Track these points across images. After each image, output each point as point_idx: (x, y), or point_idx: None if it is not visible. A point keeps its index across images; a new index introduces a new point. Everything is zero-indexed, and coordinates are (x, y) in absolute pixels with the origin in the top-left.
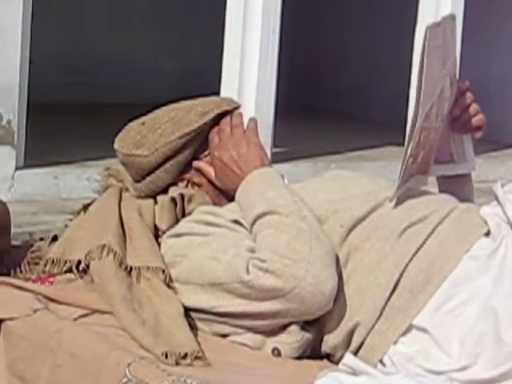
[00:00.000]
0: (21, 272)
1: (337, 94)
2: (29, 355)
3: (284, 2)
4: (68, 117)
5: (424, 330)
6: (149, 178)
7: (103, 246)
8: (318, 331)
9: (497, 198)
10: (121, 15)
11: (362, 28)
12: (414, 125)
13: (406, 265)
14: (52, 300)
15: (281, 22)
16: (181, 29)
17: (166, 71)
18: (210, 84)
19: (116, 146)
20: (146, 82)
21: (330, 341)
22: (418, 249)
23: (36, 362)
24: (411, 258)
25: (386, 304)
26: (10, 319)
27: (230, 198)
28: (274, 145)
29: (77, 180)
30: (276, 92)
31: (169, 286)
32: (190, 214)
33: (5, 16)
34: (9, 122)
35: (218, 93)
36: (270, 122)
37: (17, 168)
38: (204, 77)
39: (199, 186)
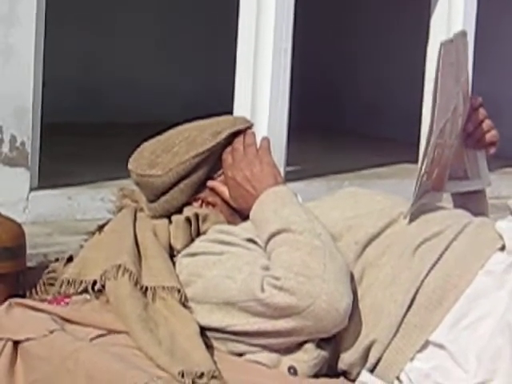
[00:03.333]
0: (36, 293)
1: (349, 112)
2: (47, 377)
3: (296, 21)
4: (82, 138)
5: (440, 346)
6: (163, 198)
7: (119, 266)
8: (334, 348)
9: None
10: (133, 36)
11: (374, 46)
12: (428, 142)
13: (422, 281)
14: (68, 320)
15: (292, 41)
16: (193, 49)
17: (178, 91)
18: (222, 103)
19: (130, 166)
20: (158, 103)
21: (347, 358)
22: (434, 264)
23: (54, 383)
24: (427, 274)
25: (402, 320)
26: (27, 340)
27: (245, 217)
28: (287, 163)
29: (91, 201)
30: (289, 111)
31: (184, 306)
32: (204, 233)
33: (17, 38)
34: (22, 143)
35: (230, 112)
36: (282, 140)
37: (31, 189)
38: (217, 96)
39: (213, 205)
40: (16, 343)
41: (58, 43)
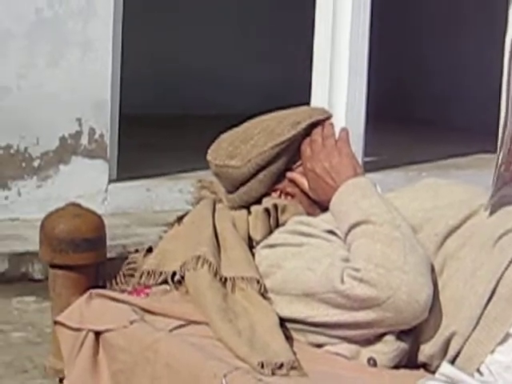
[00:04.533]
0: (116, 284)
1: (426, 103)
2: (129, 367)
3: (373, 8)
4: (159, 130)
5: None
6: (242, 189)
7: (198, 257)
8: (414, 340)
9: None
10: (209, 29)
11: (447, 36)
12: (504, 132)
13: (503, 272)
14: (148, 311)
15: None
16: (270, 40)
17: (255, 83)
18: (299, 95)
19: (209, 157)
20: (235, 94)
21: (427, 350)
22: None
23: (136, 373)
24: (508, 266)
25: (482, 313)
26: (107, 331)
27: (324, 208)
28: (365, 154)
29: (169, 192)
30: (366, 101)
31: (264, 297)
32: (283, 224)
33: (95, 31)
34: (101, 136)
35: (307, 103)
36: (360, 131)
37: (110, 181)
38: (293, 88)
39: (292, 196)
40: (97, 334)
41: (135, 36)
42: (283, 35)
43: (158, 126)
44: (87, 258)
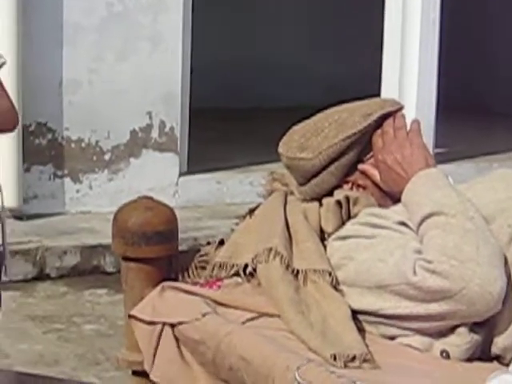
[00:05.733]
0: (188, 276)
1: (497, 94)
2: (209, 360)
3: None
4: (230, 122)
5: None
6: (314, 181)
7: (270, 250)
8: (488, 332)
9: None
10: (275, 22)
11: None
12: None
13: None
14: (220, 304)
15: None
16: (338, 33)
17: (326, 75)
18: (368, 87)
19: (280, 149)
20: (304, 86)
21: (500, 342)
22: None
23: (217, 366)
24: None
25: None
26: (180, 323)
27: (396, 200)
28: (436, 145)
29: (240, 185)
30: (437, 92)
31: (336, 289)
32: (355, 216)
33: (165, 25)
34: (172, 129)
35: (377, 95)
36: (431, 122)
37: (180, 174)
38: (363, 80)
39: (364, 188)
40: (172, 326)
41: (203, 29)
42: (352, 28)
43: (228, 119)
44: (159, 250)
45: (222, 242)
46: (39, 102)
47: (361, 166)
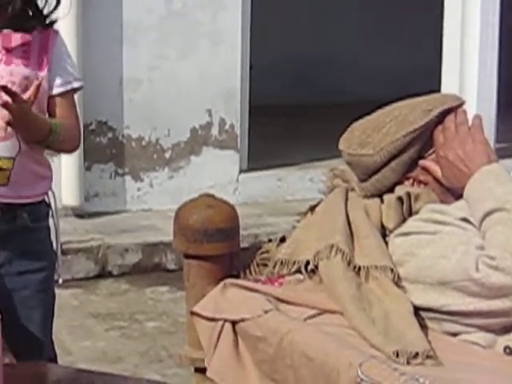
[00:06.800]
0: (250, 274)
1: None
2: (270, 357)
3: None
4: (289, 119)
5: None
6: (375, 178)
7: (331, 246)
8: None
9: None
10: (338, 19)
11: None
12: None
13: None
14: (282, 301)
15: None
16: (398, 28)
17: (386, 71)
18: (428, 82)
19: (341, 146)
20: (367, 82)
21: None
22: None
23: (277, 363)
24: None
25: None
26: (242, 320)
27: (458, 196)
28: (497, 140)
29: (300, 181)
30: (497, 87)
31: (397, 285)
32: (416, 212)
33: (224, 22)
34: (232, 126)
35: (437, 91)
36: (492, 117)
37: (241, 171)
38: (423, 75)
39: (425, 184)
40: (233, 323)
41: (266, 27)
42: (413, 24)
43: (287, 116)
44: (221, 248)
45: (283, 239)
46: (100, 100)
47: (422, 162)
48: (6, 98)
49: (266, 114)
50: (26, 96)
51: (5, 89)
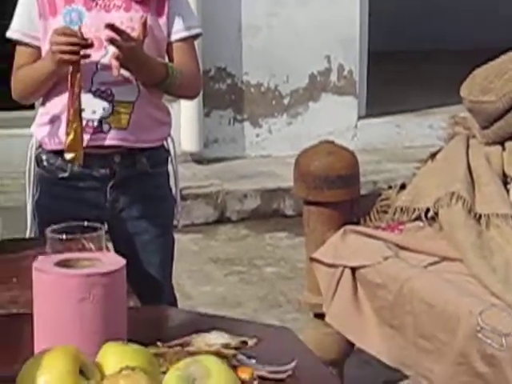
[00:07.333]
0: (370, 220)
1: None
2: (389, 304)
3: None
4: (408, 65)
5: None
6: (497, 125)
7: (452, 194)
8: None
9: None
10: None
11: None
12: None
13: None
14: (402, 247)
15: None
16: None
17: (507, 17)
18: None
19: (462, 93)
20: (490, 28)
21: None
22: None
23: (397, 310)
24: None
25: None
26: (362, 267)
27: None
28: None
29: (419, 128)
30: None
31: None
32: None
33: None
34: (350, 72)
35: None
36: None
37: (359, 118)
38: None
39: None
40: (353, 270)
41: None
42: None
43: (406, 62)
44: (341, 194)
45: (403, 186)
46: (219, 47)
47: None
48: (113, 34)
49: (384, 61)
50: (133, 35)
51: (112, 27)
